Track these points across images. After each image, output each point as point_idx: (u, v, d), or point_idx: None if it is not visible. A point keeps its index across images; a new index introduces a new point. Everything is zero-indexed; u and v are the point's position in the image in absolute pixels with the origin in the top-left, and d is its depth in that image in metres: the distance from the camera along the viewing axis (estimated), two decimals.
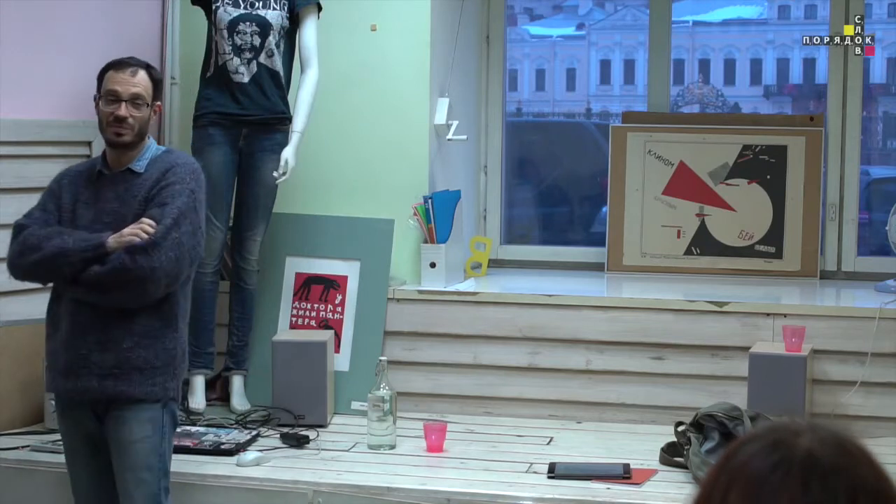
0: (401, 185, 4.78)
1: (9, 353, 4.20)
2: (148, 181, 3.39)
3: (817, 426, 1.24)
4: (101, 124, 3.42)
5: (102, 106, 3.41)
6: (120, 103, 3.37)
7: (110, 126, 3.38)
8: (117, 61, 3.48)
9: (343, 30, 4.79)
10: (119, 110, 3.36)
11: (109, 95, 3.39)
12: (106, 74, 3.45)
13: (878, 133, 7.13)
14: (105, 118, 3.39)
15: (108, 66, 3.49)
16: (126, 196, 3.38)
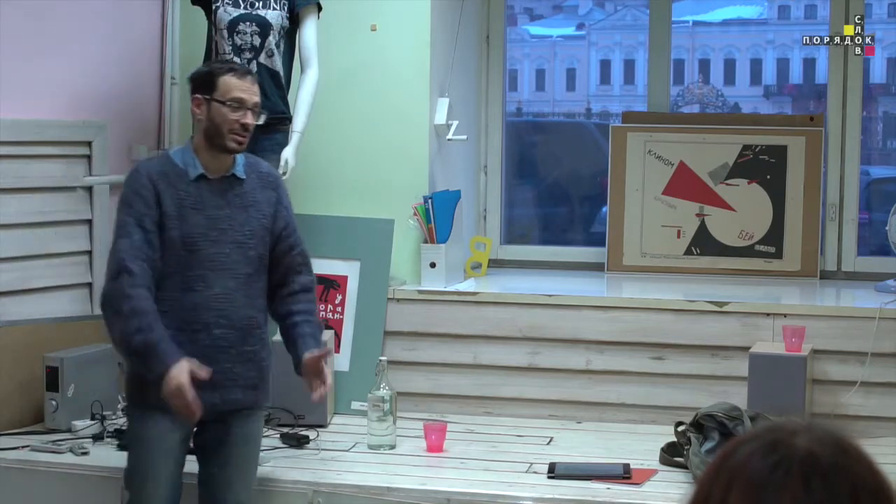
0: (401, 185, 4.78)
1: (9, 353, 4.20)
2: (254, 189, 3.42)
3: (813, 426, 1.24)
4: (215, 128, 3.35)
5: (226, 112, 3.33)
6: (246, 111, 3.35)
7: (233, 133, 3.34)
8: (233, 66, 3.44)
9: (343, 30, 4.79)
10: (246, 118, 3.34)
11: (235, 103, 3.34)
12: (221, 79, 3.36)
13: (878, 133, 7.13)
14: (229, 125, 3.33)
15: (221, 70, 3.40)
16: (237, 203, 3.38)
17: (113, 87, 4.74)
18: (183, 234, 3.31)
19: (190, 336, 3.32)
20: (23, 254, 4.36)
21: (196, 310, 3.33)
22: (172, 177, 3.34)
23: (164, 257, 3.31)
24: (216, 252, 3.36)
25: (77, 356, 4.23)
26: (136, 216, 3.29)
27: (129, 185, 3.36)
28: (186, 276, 3.32)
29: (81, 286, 4.59)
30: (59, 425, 4.14)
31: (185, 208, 3.32)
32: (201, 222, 3.33)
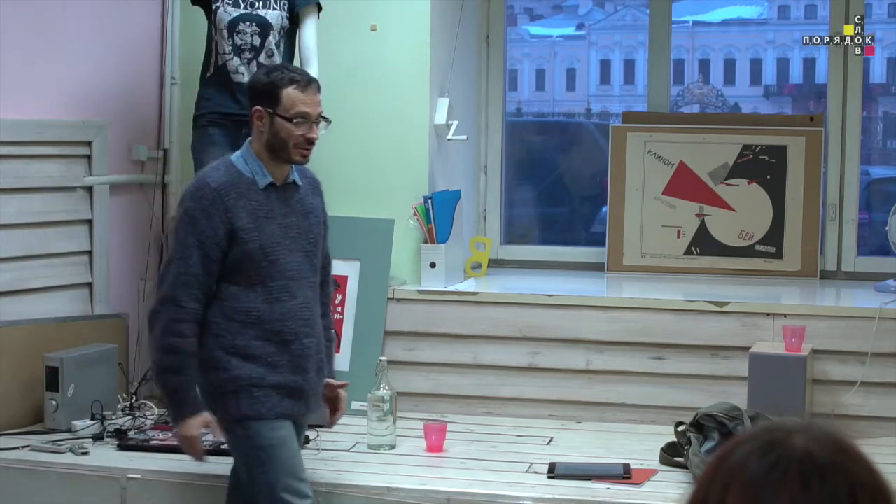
0: (401, 185, 4.78)
1: (9, 353, 4.20)
2: (308, 195, 3.38)
3: (810, 425, 1.24)
4: (280, 143, 3.25)
5: (291, 128, 3.24)
6: (311, 125, 3.28)
7: (298, 147, 3.27)
8: (294, 77, 3.29)
9: (343, 30, 4.79)
10: (311, 133, 3.28)
11: (300, 118, 3.25)
12: (284, 91, 3.24)
13: (878, 133, 7.13)
14: (294, 140, 3.25)
15: (283, 81, 3.26)
16: (299, 209, 3.33)
17: (113, 87, 4.74)
18: (262, 245, 3.21)
19: (280, 347, 3.24)
20: (23, 254, 4.36)
21: (284, 320, 3.24)
22: (242, 187, 3.22)
23: (243, 270, 3.20)
24: (292, 261, 3.28)
25: (77, 356, 4.23)
26: (200, 237, 3.16)
27: (195, 199, 3.19)
28: (269, 287, 3.22)
29: (81, 286, 4.59)
30: (59, 425, 4.14)
31: (261, 218, 3.22)
32: (276, 231, 3.24)
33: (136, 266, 4.84)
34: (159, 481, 3.78)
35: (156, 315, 3.18)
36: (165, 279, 3.19)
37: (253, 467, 3.23)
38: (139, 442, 4.04)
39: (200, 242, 3.15)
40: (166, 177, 4.92)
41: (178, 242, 3.18)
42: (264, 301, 3.22)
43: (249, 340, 3.21)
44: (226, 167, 3.27)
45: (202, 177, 3.27)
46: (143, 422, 4.26)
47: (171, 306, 3.15)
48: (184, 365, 3.16)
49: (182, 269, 3.15)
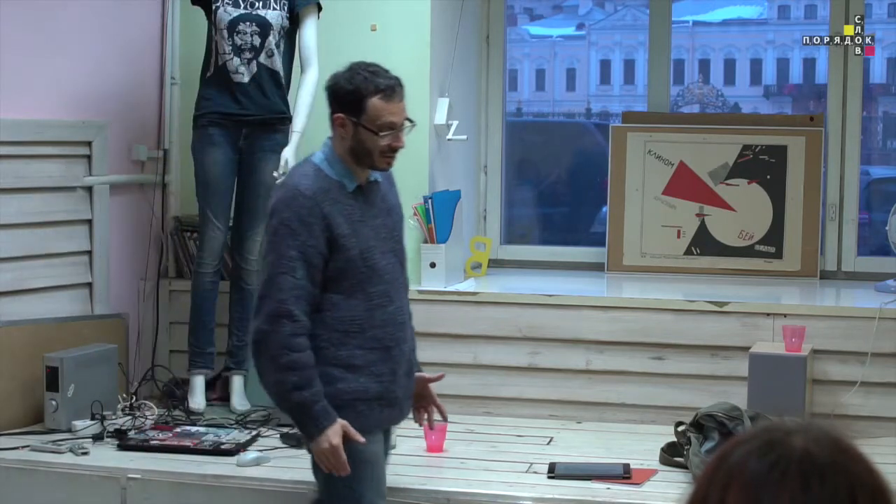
0: (401, 185, 4.74)
1: (9, 353, 4.20)
2: (387, 191, 3.27)
3: (810, 425, 1.24)
4: (364, 151, 3.12)
5: (377, 139, 3.11)
6: (397, 134, 3.16)
7: (385, 156, 3.15)
8: (379, 85, 3.13)
9: (343, 30, 4.79)
10: (397, 141, 3.16)
11: (387, 128, 3.12)
12: (369, 101, 3.11)
13: (878, 133, 7.14)
14: (381, 150, 3.13)
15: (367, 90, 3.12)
16: (382, 207, 3.22)
17: (113, 87, 4.74)
18: (361, 250, 3.09)
19: (383, 354, 3.14)
20: (23, 254, 4.36)
21: (386, 326, 3.14)
22: (333, 192, 3.09)
23: (345, 278, 3.08)
24: (386, 264, 3.17)
25: (77, 356, 4.23)
26: (302, 248, 3.01)
27: (293, 209, 3.03)
28: (369, 293, 3.11)
29: (81, 286, 4.60)
30: (59, 425, 4.14)
31: (355, 223, 3.10)
32: (370, 234, 3.13)
33: (136, 266, 4.84)
34: (159, 481, 3.78)
35: (268, 335, 3.00)
36: (271, 295, 3.00)
37: (338, 482, 3.10)
38: (139, 442, 4.04)
39: (303, 253, 3.01)
40: (166, 177, 4.92)
41: (279, 255, 3.01)
42: (365, 308, 3.11)
43: (352, 350, 3.09)
44: (314, 172, 3.12)
45: (293, 184, 3.09)
46: (143, 422, 4.26)
47: (287, 322, 2.99)
48: (310, 378, 3.01)
49: (287, 284, 2.99)
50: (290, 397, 3.02)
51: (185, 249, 4.88)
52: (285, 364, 2.99)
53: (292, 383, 3.00)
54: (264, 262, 3.09)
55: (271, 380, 3.04)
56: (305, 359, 3.01)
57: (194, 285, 4.53)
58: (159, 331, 4.84)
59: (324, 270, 3.05)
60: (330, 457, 3.03)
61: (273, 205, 3.09)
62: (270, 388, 3.07)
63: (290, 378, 3.00)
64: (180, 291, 4.81)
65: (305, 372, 3.01)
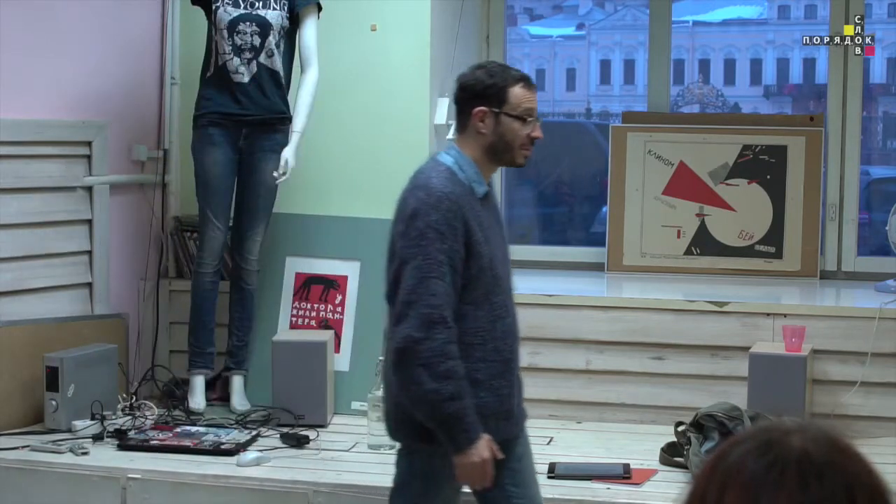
0: (401, 185, 4.75)
1: (9, 353, 4.20)
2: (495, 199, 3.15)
3: (807, 425, 1.25)
4: (505, 144, 3.02)
5: (518, 126, 3.02)
6: (535, 124, 3.05)
7: (523, 148, 3.05)
8: (519, 76, 3.06)
9: (343, 30, 4.79)
10: (536, 131, 3.05)
11: (528, 115, 3.03)
12: (511, 90, 3.02)
13: (878, 133, 7.14)
14: (521, 140, 3.03)
15: (508, 80, 3.04)
16: (496, 216, 3.12)
17: (113, 87, 4.74)
18: (490, 258, 2.97)
19: (502, 368, 3.02)
20: (22, 254, 4.36)
21: (505, 338, 3.03)
22: (468, 196, 2.97)
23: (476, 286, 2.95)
24: (504, 273, 3.06)
25: (77, 356, 4.23)
26: (450, 253, 2.88)
27: (440, 212, 2.90)
28: (493, 304, 3.00)
29: (81, 286, 4.60)
30: (59, 425, 4.14)
31: (485, 229, 2.98)
32: (494, 242, 3.02)
33: (136, 266, 4.84)
34: (159, 481, 3.78)
35: (421, 342, 2.84)
36: (423, 300, 2.85)
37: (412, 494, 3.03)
38: (139, 442, 4.04)
39: (450, 258, 2.88)
40: (166, 177, 4.92)
41: (428, 259, 2.86)
42: (489, 320, 3.00)
43: (476, 363, 2.95)
44: (448, 174, 2.99)
45: (433, 186, 2.94)
46: (143, 422, 4.26)
47: (442, 328, 2.85)
48: (464, 388, 2.88)
49: (440, 290, 2.85)
50: (445, 408, 2.85)
51: (185, 249, 4.88)
52: (443, 373, 2.84)
53: (449, 393, 2.85)
54: (405, 266, 2.88)
55: (425, 389, 2.84)
56: (460, 368, 2.87)
57: (194, 285, 4.53)
58: (159, 331, 4.84)
59: (472, 264, 2.94)
60: (479, 469, 2.91)
61: (415, 206, 2.92)
62: (422, 397, 2.86)
63: (447, 387, 2.84)
64: (180, 291, 4.81)
65: (461, 383, 2.87)
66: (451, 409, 2.85)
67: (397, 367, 2.87)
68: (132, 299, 4.82)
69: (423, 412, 2.89)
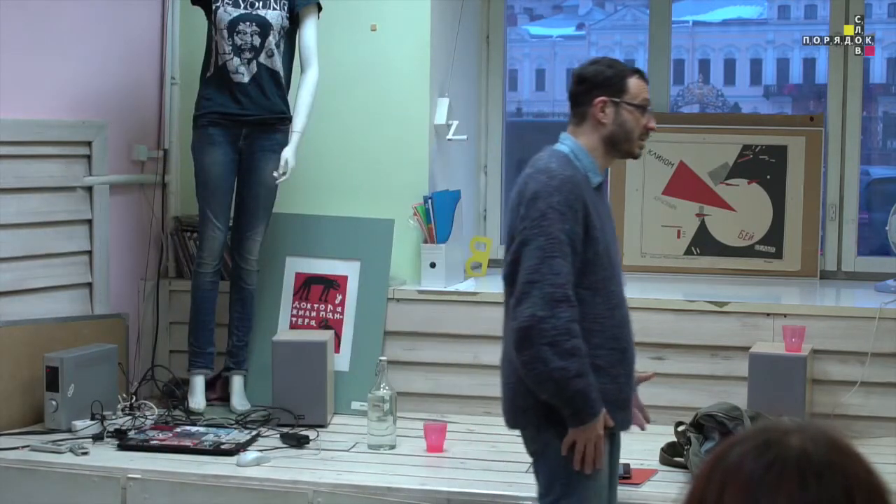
0: (401, 185, 4.78)
1: (9, 353, 4.20)
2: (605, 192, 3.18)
3: (806, 425, 1.25)
4: (625, 134, 3.05)
5: (637, 116, 3.05)
6: (651, 115, 3.08)
7: (641, 139, 3.07)
8: (635, 68, 3.12)
9: (343, 30, 4.79)
10: (651, 122, 3.08)
11: (646, 105, 3.06)
12: (629, 80, 3.06)
13: (878, 133, 7.14)
14: (639, 130, 3.05)
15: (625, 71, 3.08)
16: (608, 208, 3.14)
17: (113, 87, 4.74)
18: (606, 245, 2.99)
19: (620, 356, 3.02)
20: (22, 254, 4.36)
21: (622, 327, 3.04)
22: (585, 183, 3.00)
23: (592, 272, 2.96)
24: (618, 263, 3.08)
25: (77, 356, 4.23)
26: (571, 235, 2.90)
27: (562, 193, 2.92)
28: (611, 292, 3.00)
29: (81, 286, 4.60)
30: (59, 425, 4.14)
31: (601, 218, 3.00)
32: (609, 231, 3.05)
33: (136, 266, 4.84)
34: (159, 481, 3.78)
35: (545, 321, 2.84)
36: (546, 279, 2.86)
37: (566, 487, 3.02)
38: (139, 442, 4.04)
39: (571, 240, 2.90)
40: (166, 177, 4.92)
41: (550, 239, 2.87)
42: (607, 307, 3.00)
43: (595, 350, 2.94)
44: (566, 160, 3.03)
45: (554, 170, 2.98)
46: (143, 422, 4.26)
47: (566, 307, 2.86)
48: (587, 366, 2.89)
49: (564, 269, 2.87)
50: (572, 384, 2.86)
51: (185, 249, 4.88)
52: (569, 349, 2.85)
53: (575, 370, 2.86)
54: (526, 247, 2.89)
55: (551, 367, 2.85)
56: (583, 346, 2.88)
57: (194, 285, 4.53)
58: (159, 331, 4.84)
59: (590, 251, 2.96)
60: (595, 443, 2.92)
61: (536, 189, 2.94)
62: (548, 375, 2.86)
63: (572, 364, 2.85)
64: (180, 291, 4.81)
65: (585, 360, 2.88)
66: (578, 386, 2.87)
67: (521, 347, 2.87)
68: (132, 299, 4.82)
69: (549, 390, 2.90)
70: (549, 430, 2.99)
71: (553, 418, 2.95)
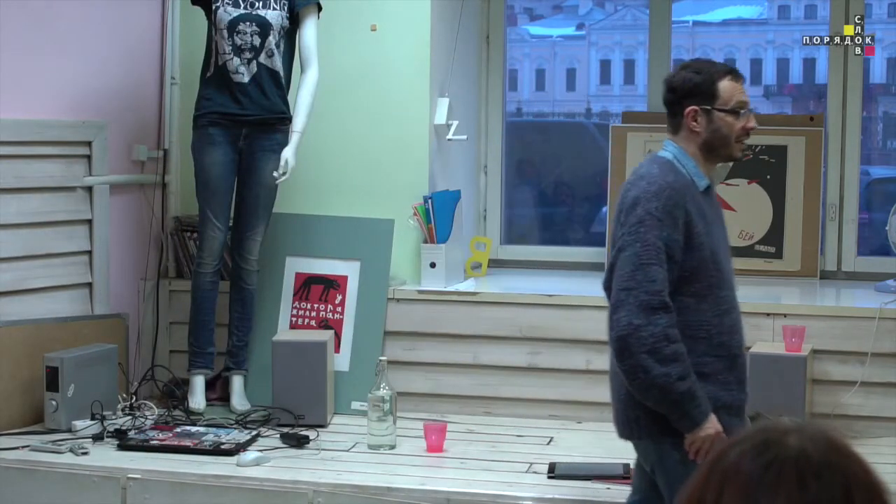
0: (401, 185, 4.78)
1: (9, 353, 4.21)
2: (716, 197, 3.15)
3: (804, 425, 1.25)
4: (721, 139, 3.09)
5: (731, 120, 3.08)
6: (749, 115, 3.10)
7: (739, 141, 3.11)
8: (727, 69, 3.12)
9: (343, 30, 4.79)
10: (750, 122, 3.10)
11: (741, 107, 3.08)
12: (720, 84, 3.08)
13: (878, 133, 7.13)
14: (736, 132, 3.09)
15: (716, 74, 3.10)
16: (719, 213, 3.12)
17: (113, 87, 4.74)
18: (712, 251, 2.98)
19: (729, 363, 3.02)
20: (22, 254, 4.36)
21: (732, 333, 3.03)
22: (691, 189, 3.02)
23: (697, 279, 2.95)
24: (729, 269, 3.05)
25: (77, 356, 4.23)
26: (667, 241, 2.91)
27: (661, 199, 2.96)
28: (719, 298, 3.00)
29: (81, 286, 4.60)
30: (59, 425, 4.14)
31: (708, 222, 3.00)
32: (717, 236, 3.04)
33: (136, 266, 4.84)
34: (159, 481, 3.78)
35: (641, 328, 2.85)
36: (641, 286, 2.87)
37: None
38: (139, 442, 4.04)
39: (668, 246, 2.90)
40: (166, 177, 4.92)
41: (646, 245, 2.89)
42: (714, 314, 2.99)
43: (701, 357, 2.94)
44: (669, 166, 3.08)
45: (654, 175, 3.03)
46: (143, 422, 4.26)
47: (663, 314, 2.86)
48: (689, 368, 2.88)
49: (660, 276, 2.88)
50: (676, 388, 2.86)
51: (185, 249, 4.88)
52: (669, 355, 2.85)
53: (677, 374, 2.86)
54: (622, 253, 2.92)
55: (653, 374, 2.85)
56: (683, 349, 2.88)
57: (194, 285, 4.53)
58: (159, 331, 4.84)
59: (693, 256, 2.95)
60: (714, 441, 2.89)
61: (636, 195, 2.99)
62: (651, 383, 2.86)
63: (674, 369, 2.86)
64: (180, 291, 4.81)
65: (687, 362, 2.88)
66: (682, 389, 2.87)
67: (621, 357, 2.88)
68: (132, 299, 4.82)
69: (654, 398, 2.90)
70: (664, 440, 2.98)
71: (666, 428, 2.94)
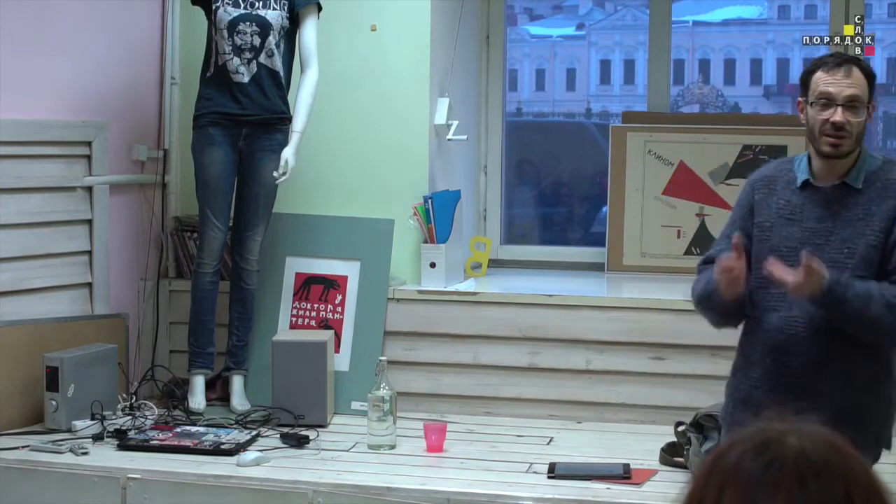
0: (401, 185, 4.78)
1: (9, 353, 4.20)
2: (871, 200, 3.04)
3: (803, 425, 1.25)
4: (810, 132, 3.08)
5: (814, 112, 3.04)
6: (835, 108, 3.01)
7: (825, 135, 3.03)
8: (827, 60, 3.07)
9: (343, 30, 4.79)
10: (835, 116, 3.00)
11: (822, 99, 3.02)
12: (813, 76, 3.06)
13: (878, 133, 7.14)
14: (819, 126, 3.03)
15: (815, 66, 3.09)
16: (844, 215, 3.04)
17: (113, 87, 4.74)
18: (773, 247, 3.03)
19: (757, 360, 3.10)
20: (22, 254, 4.36)
21: (772, 332, 3.06)
22: (780, 183, 3.10)
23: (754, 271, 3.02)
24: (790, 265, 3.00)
25: (77, 356, 4.23)
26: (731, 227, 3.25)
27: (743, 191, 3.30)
28: (771, 294, 3.03)
29: (81, 286, 4.60)
30: (59, 425, 4.14)
31: (782, 218, 3.05)
32: (794, 234, 3.04)
33: (136, 266, 4.84)
34: (159, 481, 3.78)
35: None
36: None
37: None
38: (139, 442, 4.04)
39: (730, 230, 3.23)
40: (166, 177, 4.92)
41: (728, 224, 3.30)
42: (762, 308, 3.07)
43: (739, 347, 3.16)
44: (782, 161, 3.30)
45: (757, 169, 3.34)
46: (143, 422, 4.26)
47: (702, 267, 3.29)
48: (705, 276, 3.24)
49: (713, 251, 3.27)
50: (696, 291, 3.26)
51: (185, 249, 4.88)
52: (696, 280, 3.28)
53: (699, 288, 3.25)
54: None
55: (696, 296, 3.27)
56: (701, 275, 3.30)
57: (194, 285, 4.53)
58: (159, 331, 4.84)
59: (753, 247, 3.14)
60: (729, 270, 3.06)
61: None
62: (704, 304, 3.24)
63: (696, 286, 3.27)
64: (180, 291, 4.81)
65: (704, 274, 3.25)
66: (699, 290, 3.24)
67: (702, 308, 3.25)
68: (132, 299, 4.82)
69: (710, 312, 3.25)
70: None
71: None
